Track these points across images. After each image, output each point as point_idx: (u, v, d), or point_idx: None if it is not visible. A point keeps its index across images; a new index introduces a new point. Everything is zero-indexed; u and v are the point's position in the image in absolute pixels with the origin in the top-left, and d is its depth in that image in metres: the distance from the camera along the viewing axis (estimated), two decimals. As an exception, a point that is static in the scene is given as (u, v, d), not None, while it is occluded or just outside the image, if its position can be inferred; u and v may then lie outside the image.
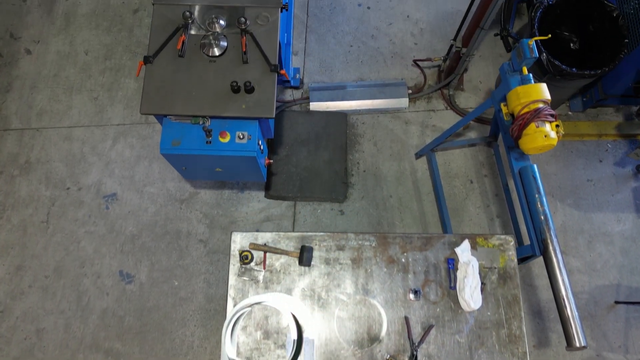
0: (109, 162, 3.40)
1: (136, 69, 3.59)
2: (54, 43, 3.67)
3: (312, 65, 3.70)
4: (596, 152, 3.48)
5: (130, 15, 3.75)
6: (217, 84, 2.42)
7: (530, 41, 2.23)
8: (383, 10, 3.84)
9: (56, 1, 3.78)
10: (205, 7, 2.54)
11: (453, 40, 3.20)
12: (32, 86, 3.57)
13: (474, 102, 3.60)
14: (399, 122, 3.55)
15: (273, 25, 2.52)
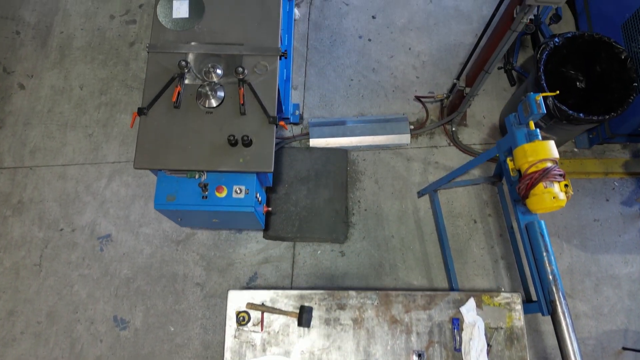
0: (104, 201, 3.32)
1: (132, 103, 3.53)
2: (48, 77, 3.60)
3: (312, 99, 3.63)
4: (603, 190, 3.40)
5: (127, 49, 3.67)
6: (213, 136, 2.34)
7: (537, 97, 2.15)
8: (384, 42, 3.76)
9: (50, 34, 3.70)
10: (202, 56, 2.46)
11: (456, 79, 3.12)
12: (26, 122, 3.49)
13: (477, 137, 3.52)
14: (401, 159, 3.47)
15: (272, 74, 2.45)
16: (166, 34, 2.50)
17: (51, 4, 3.77)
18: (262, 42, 2.50)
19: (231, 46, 2.47)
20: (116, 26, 3.73)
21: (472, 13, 3.84)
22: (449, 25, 3.81)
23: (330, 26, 3.80)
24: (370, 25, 3.80)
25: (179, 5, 2.53)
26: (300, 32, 3.79)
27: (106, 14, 3.75)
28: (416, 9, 3.85)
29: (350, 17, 3.82)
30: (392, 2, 3.86)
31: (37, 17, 3.74)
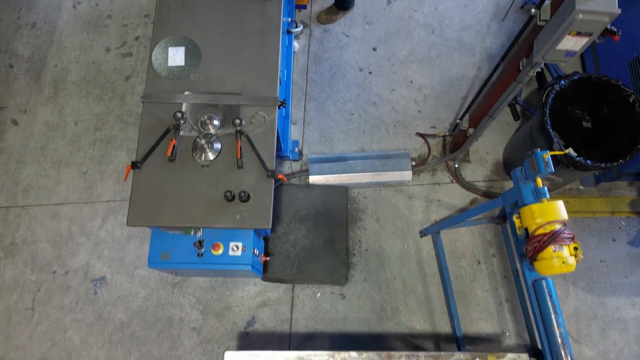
0: (98, 242, 3.24)
1: (128, 139, 3.45)
2: (42, 113, 3.52)
3: (312, 134, 3.55)
4: (609, 230, 3.32)
5: (122, 82, 3.60)
6: (209, 191, 2.27)
7: (545, 155, 2.08)
8: (385, 75, 3.69)
9: (44, 67, 3.63)
10: (198, 106, 2.39)
11: (459, 119, 3.04)
12: (19, 160, 3.41)
13: (480, 174, 3.45)
14: (403, 197, 3.39)
15: (270, 125, 2.37)
16: (161, 82, 2.43)
17: (45, 37, 3.70)
18: (260, 92, 2.42)
19: (229, 96, 2.40)
20: (112, 59, 3.65)
21: (475, 45, 3.77)
22: (451, 58, 3.73)
23: (330, 58, 3.73)
24: (370, 58, 3.73)
25: (174, 53, 2.46)
26: (300, 65, 3.71)
27: (102, 46, 3.68)
28: (418, 40, 3.78)
29: (351, 49, 3.75)
30: (393, 33, 3.79)
31: (31, 49, 3.67)
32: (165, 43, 2.47)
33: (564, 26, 1.74)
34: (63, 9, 3.77)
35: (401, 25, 3.82)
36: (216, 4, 2.56)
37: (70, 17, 3.75)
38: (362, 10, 3.85)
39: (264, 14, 2.55)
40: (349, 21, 3.82)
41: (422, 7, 3.86)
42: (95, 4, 3.79)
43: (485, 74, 3.69)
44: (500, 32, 3.80)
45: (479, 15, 3.85)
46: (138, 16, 3.76)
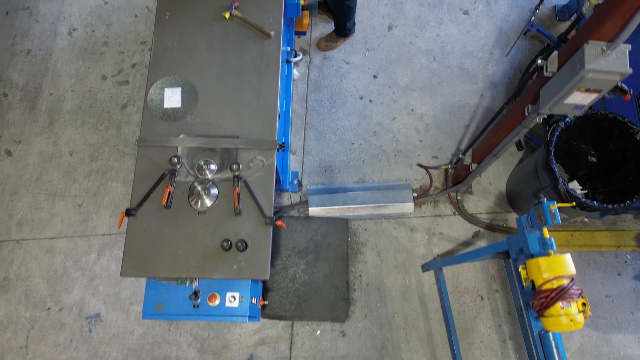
0: (93, 277, 3.17)
1: (124, 170, 3.39)
2: (37, 143, 3.46)
3: (311, 164, 3.49)
4: (614, 264, 3.26)
5: (119, 111, 3.54)
6: (206, 239, 2.20)
7: (552, 206, 2.01)
8: (386, 103, 3.63)
9: (39, 96, 3.56)
10: (195, 150, 2.33)
11: (462, 154, 2.98)
12: (13, 192, 3.35)
13: (483, 206, 3.38)
14: (404, 229, 3.33)
15: (268, 170, 2.31)
16: (157, 125, 2.37)
17: (40, 64, 3.64)
18: (258, 134, 2.36)
19: (226, 139, 2.34)
20: (108, 87, 3.59)
21: (477, 72, 3.71)
22: (453, 85, 3.67)
23: (330, 86, 3.67)
24: (371, 85, 3.67)
25: (171, 94, 2.40)
26: (300, 93, 3.65)
27: (98, 74, 3.62)
28: (419, 67, 3.72)
29: (351, 77, 3.69)
30: (394, 60, 3.73)
31: (26, 78, 3.60)
32: (161, 84, 2.41)
33: (572, 83, 1.67)
34: (59, 36, 3.71)
35: (402, 52, 3.76)
36: (214, 42, 2.50)
37: (65, 44, 3.69)
38: (362, 36, 3.79)
39: (262, 53, 2.49)
40: (349, 48, 3.76)
41: (424, 34, 3.80)
42: (92, 31, 3.73)
43: (488, 102, 3.63)
44: (503, 58, 3.74)
45: (482, 41, 3.79)
46: (134, 43, 3.70)
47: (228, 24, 2.52)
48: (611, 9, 1.52)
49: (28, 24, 3.74)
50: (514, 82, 3.67)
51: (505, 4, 3.89)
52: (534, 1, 3.89)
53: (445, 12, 3.87)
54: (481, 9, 3.88)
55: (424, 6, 3.88)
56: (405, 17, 3.85)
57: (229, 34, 2.51)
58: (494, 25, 3.84)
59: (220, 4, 2.54)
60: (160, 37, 2.50)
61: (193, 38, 2.50)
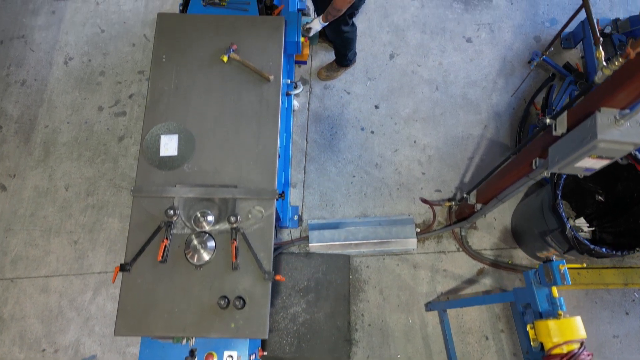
0: (89, 317, 3.10)
1: (120, 204, 3.32)
2: (32, 177, 3.39)
3: (312, 198, 3.42)
4: (622, 302, 3.18)
5: (115, 144, 3.47)
6: (203, 295, 2.12)
7: (562, 266, 1.94)
8: (388, 135, 3.56)
9: (34, 128, 3.50)
10: (192, 200, 2.25)
11: (466, 194, 2.91)
12: (7, 228, 3.28)
13: (488, 242, 3.31)
14: (407, 266, 3.26)
15: (268, 221, 2.23)
16: (153, 174, 2.29)
17: (35, 95, 3.57)
18: (257, 183, 2.29)
19: (224, 189, 2.26)
20: (104, 119, 3.53)
21: (481, 102, 3.64)
22: (456, 116, 3.60)
23: (331, 117, 3.60)
24: (373, 116, 3.60)
25: (167, 141, 2.32)
26: (300, 124, 3.58)
27: (94, 105, 3.55)
28: (421, 97, 3.65)
29: (352, 107, 3.62)
30: (396, 90, 3.66)
31: (21, 109, 3.54)
32: (157, 131, 2.34)
33: (583, 150, 1.60)
34: (54, 66, 3.64)
35: (404, 81, 3.69)
36: (211, 86, 2.43)
37: (61, 74, 3.63)
38: (363, 65, 3.72)
39: (261, 98, 2.42)
40: (350, 77, 3.69)
41: (426, 62, 3.74)
42: (88, 60, 3.66)
43: (492, 134, 3.56)
44: (507, 88, 3.67)
45: (485, 70, 3.72)
46: (132, 72, 3.64)
47: (226, 67, 2.45)
48: (626, 79, 1.44)
49: (23, 53, 3.68)
50: (519, 112, 3.60)
51: (509, 32, 3.82)
52: (538, 28, 3.83)
53: (448, 40, 3.80)
54: (484, 36, 3.81)
55: (426, 34, 3.81)
56: (407, 45, 3.78)
57: (227, 78, 2.44)
58: (498, 53, 3.77)
59: (218, 46, 2.47)
60: (156, 81, 2.42)
61: (190, 82, 2.43)
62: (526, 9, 3.87)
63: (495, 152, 3.52)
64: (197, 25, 2.51)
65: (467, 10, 3.87)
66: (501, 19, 3.85)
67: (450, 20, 3.85)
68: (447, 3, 3.89)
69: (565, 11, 3.87)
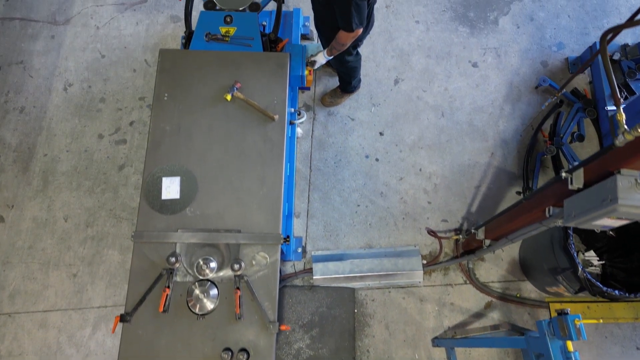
0: (88, 354, 3.03)
1: (120, 236, 3.26)
2: (30, 208, 3.32)
3: (316, 228, 3.35)
4: (632, 337, 3.11)
5: (116, 173, 3.40)
6: (205, 348, 2.06)
7: (577, 321, 1.88)
8: (393, 162, 3.50)
9: (33, 157, 3.43)
10: (194, 246, 2.19)
11: (475, 229, 2.84)
12: (5, 261, 3.21)
13: (495, 274, 3.25)
14: (413, 299, 3.19)
15: (272, 268, 2.17)
16: (154, 218, 2.23)
17: (34, 122, 3.51)
18: (261, 227, 2.22)
19: (227, 234, 2.20)
20: (105, 147, 3.46)
21: (487, 129, 3.57)
22: (462, 143, 3.54)
23: (335, 144, 3.54)
24: (377, 143, 3.54)
25: (169, 184, 2.26)
26: (303, 152, 3.52)
27: (94, 133, 3.49)
28: (427, 124, 3.59)
29: (356, 134, 3.56)
30: (401, 116, 3.60)
31: (19, 137, 3.47)
32: (158, 173, 2.28)
33: (602, 212, 1.54)
34: (54, 92, 3.58)
35: (409, 107, 3.63)
36: (214, 126, 2.37)
37: (61, 100, 3.57)
38: (368, 90, 3.66)
39: (266, 138, 2.36)
40: (354, 103, 3.63)
41: (431, 88, 3.67)
42: (88, 86, 3.60)
43: (499, 161, 3.49)
44: (514, 114, 3.61)
45: (491, 96, 3.66)
46: (133, 99, 3.58)
47: (229, 105, 2.39)
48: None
49: (22, 79, 3.62)
50: (526, 140, 3.54)
51: (516, 56, 3.76)
52: (545, 53, 3.77)
53: (454, 65, 3.74)
54: (490, 61, 3.75)
55: (431, 58, 3.76)
56: (412, 70, 3.72)
57: (230, 117, 2.38)
58: (504, 78, 3.71)
59: (221, 83, 2.41)
60: (158, 120, 2.36)
61: (193, 121, 2.37)
62: (533, 33, 3.81)
63: (502, 181, 3.46)
64: (200, 62, 2.45)
65: (472, 34, 3.81)
66: (507, 43, 3.79)
67: (455, 44, 3.79)
68: (452, 27, 3.83)
69: (573, 35, 3.81)
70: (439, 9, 3.88)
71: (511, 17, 3.86)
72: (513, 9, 3.88)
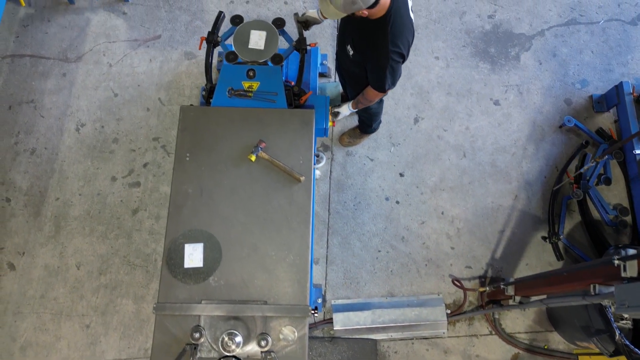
0: (102, 410, 2.94)
1: (134, 284, 3.16)
2: (42, 255, 3.23)
3: (336, 275, 3.25)
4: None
5: (129, 217, 3.31)
6: None
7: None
8: (414, 205, 3.40)
9: (45, 201, 3.34)
10: (218, 318, 2.09)
11: (504, 285, 2.74)
12: (16, 312, 3.11)
13: (522, 324, 3.14)
14: (437, 351, 3.09)
15: (301, 342, 2.08)
16: (176, 288, 2.13)
17: (46, 165, 3.42)
18: (289, 299, 2.13)
19: (253, 305, 2.10)
20: (118, 190, 3.37)
21: (511, 170, 3.48)
22: (485, 185, 3.44)
23: (353, 186, 3.44)
24: (397, 185, 3.44)
25: (192, 251, 2.17)
26: (322, 194, 3.42)
27: (107, 175, 3.40)
28: (448, 164, 3.49)
29: (376, 175, 3.47)
30: (421, 156, 3.50)
31: (30, 180, 3.38)
32: (181, 239, 2.18)
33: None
34: (65, 133, 3.49)
35: (430, 147, 3.53)
36: (238, 188, 2.27)
37: (73, 141, 3.47)
38: (387, 129, 3.56)
39: (291, 200, 2.26)
40: (373, 143, 3.54)
41: (452, 126, 3.58)
42: (101, 126, 3.51)
43: (523, 204, 3.40)
44: (538, 155, 3.51)
45: (514, 135, 3.56)
46: (146, 140, 3.49)
47: (254, 166, 2.29)
48: None
49: (33, 119, 3.53)
50: (550, 181, 3.44)
51: (538, 94, 3.67)
52: (569, 90, 3.67)
53: (475, 103, 3.65)
54: (513, 98, 3.66)
55: (452, 95, 3.66)
56: (432, 107, 3.63)
57: (255, 179, 2.28)
58: (527, 116, 3.61)
59: (245, 142, 2.32)
60: (179, 183, 2.27)
61: (216, 183, 2.27)
62: (555, 69, 3.72)
63: (527, 225, 3.36)
64: (223, 119, 2.36)
65: (493, 71, 3.72)
66: (530, 80, 3.70)
67: (476, 81, 3.69)
68: (472, 63, 3.74)
69: (597, 71, 3.72)
70: (459, 44, 3.79)
71: (533, 52, 3.76)
72: (535, 44, 3.78)
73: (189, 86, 3.64)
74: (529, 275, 2.53)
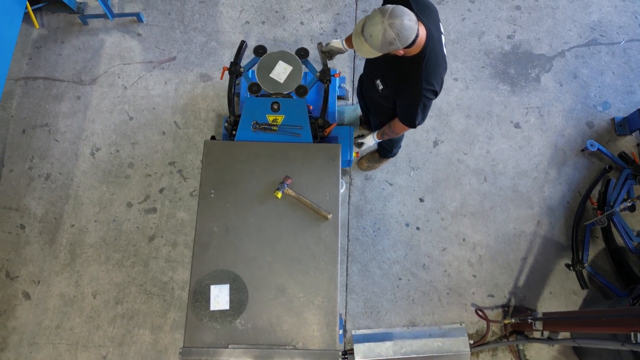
0: None
1: (152, 314, 3.11)
2: (57, 283, 3.18)
3: (356, 304, 3.19)
4: None
5: (146, 244, 3.26)
6: None
7: None
8: (435, 231, 3.34)
9: (60, 228, 3.29)
10: (246, 364, 2.04)
11: (531, 319, 2.68)
12: (32, 342, 3.06)
13: (547, 355, 3.08)
14: (460, 383, 3.02)
15: (331, 389, 2.01)
16: (202, 332, 2.08)
17: (60, 190, 3.37)
18: (317, 343, 2.08)
19: (281, 350, 2.05)
20: (134, 216, 3.32)
21: (532, 195, 3.42)
22: (507, 210, 3.38)
23: (373, 211, 3.39)
24: (417, 210, 3.39)
25: (217, 293, 2.11)
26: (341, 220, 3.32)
27: (123, 201, 3.35)
28: (469, 189, 3.43)
29: (395, 200, 3.41)
30: (441, 181, 3.45)
31: (45, 207, 3.33)
32: (207, 280, 2.13)
33: None
34: (80, 157, 3.45)
35: (450, 171, 3.47)
36: (264, 226, 2.22)
37: (88, 166, 3.43)
38: (406, 153, 3.51)
39: (319, 239, 2.21)
40: (392, 167, 3.48)
41: (472, 150, 3.52)
42: (116, 151, 3.46)
43: (546, 231, 3.34)
44: (560, 179, 3.45)
45: (535, 159, 3.50)
46: (162, 164, 3.44)
47: (280, 203, 2.24)
48: None
49: (47, 143, 3.48)
50: (573, 207, 3.38)
51: (560, 116, 3.61)
52: (590, 113, 3.61)
53: (495, 125, 3.59)
54: (533, 121, 3.60)
55: (471, 118, 3.61)
56: (452, 130, 3.57)
57: (281, 217, 2.23)
58: (548, 140, 3.55)
59: (271, 178, 2.27)
60: (204, 220, 2.22)
61: (241, 221, 2.22)
62: (576, 91, 3.66)
63: (550, 252, 3.30)
64: (248, 155, 2.31)
65: (514, 93, 3.67)
66: (551, 102, 3.64)
67: (496, 103, 3.64)
68: (492, 85, 3.68)
69: (618, 93, 3.66)
70: (478, 65, 3.73)
71: (553, 74, 3.71)
72: (555, 65, 3.73)
73: (204, 109, 3.59)
74: (560, 313, 2.47)
